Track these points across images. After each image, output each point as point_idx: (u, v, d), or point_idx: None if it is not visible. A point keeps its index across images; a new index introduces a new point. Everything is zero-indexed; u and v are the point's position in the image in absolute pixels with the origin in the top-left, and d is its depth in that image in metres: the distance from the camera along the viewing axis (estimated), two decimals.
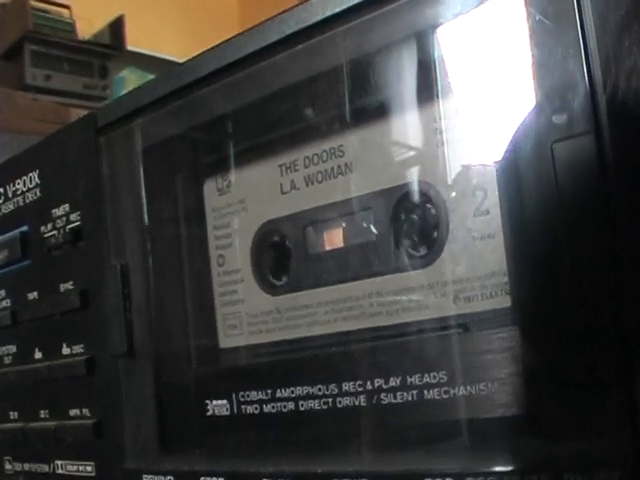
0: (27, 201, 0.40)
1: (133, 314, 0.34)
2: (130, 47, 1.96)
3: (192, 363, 0.34)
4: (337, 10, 0.27)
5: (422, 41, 0.26)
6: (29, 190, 0.39)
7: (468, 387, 0.25)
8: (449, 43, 0.25)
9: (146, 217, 0.34)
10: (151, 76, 2.10)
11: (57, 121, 1.79)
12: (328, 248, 0.31)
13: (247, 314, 0.33)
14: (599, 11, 0.21)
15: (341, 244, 0.31)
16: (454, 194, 0.27)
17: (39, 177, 0.39)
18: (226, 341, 0.34)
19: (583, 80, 0.21)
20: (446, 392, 0.25)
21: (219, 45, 0.30)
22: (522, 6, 0.23)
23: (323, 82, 0.29)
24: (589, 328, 0.22)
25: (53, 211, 0.38)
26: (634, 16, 0.21)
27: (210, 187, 0.35)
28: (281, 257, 0.32)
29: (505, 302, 0.25)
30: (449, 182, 0.27)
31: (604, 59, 0.21)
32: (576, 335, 0.22)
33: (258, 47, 0.29)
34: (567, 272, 0.22)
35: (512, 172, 0.24)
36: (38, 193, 0.39)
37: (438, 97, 0.27)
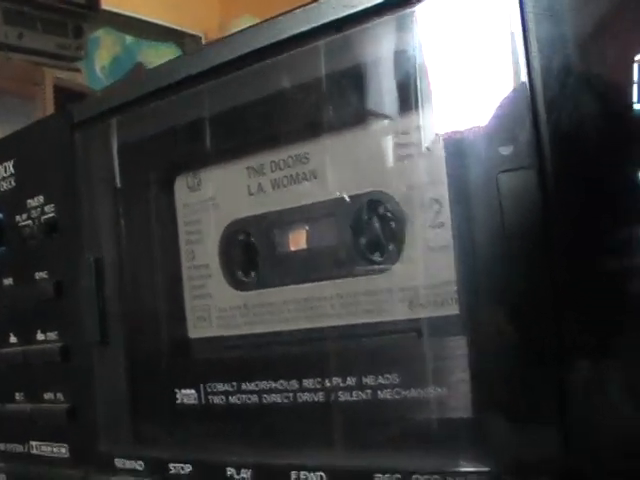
0: (1, 189, 0.40)
1: (106, 305, 0.35)
2: (105, 7, 1.93)
3: (163, 352, 0.36)
4: (304, 29, 0.28)
5: (388, 60, 0.28)
6: (4, 179, 0.40)
7: (419, 389, 0.27)
8: (411, 65, 0.27)
9: (119, 212, 0.35)
10: (127, 37, 2.08)
11: (30, 80, 1.78)
12: (293, 249, 0.32)
13: (215, 308, 0.35)
14: (545, 53, 0.22)
15: (305, 246, 0.32)
16: (411, 206, 0.28)
17: (14, 167, 0.40)
18: (195, 332, 0.36)
19: (529, 116, 0.23)
20: (398, 393, 0.27)
21: (193, 53, 0.31)
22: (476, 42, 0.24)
23: (290, 93, 0.30)
24: (527, 342, 0.24)
25: (28, 201, 0.39)
26: (577, 61, 0.22)
27: (181, 184, 0.36)
28: (248, 255, 0.34)
29: (454, 310, 0.27)
30: (407, 194, 0.28)
31: (548, 99, 0.22)
32: (514, 348, 0.24)
33: (229, 58, 0.30)
34: (508, 290, 0.24)
35: (462, 191, 0.26)
36: (13, 182, 0.40)
37: (399, 114, 0.28)
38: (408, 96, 0.27)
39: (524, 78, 0.23)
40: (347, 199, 0.30)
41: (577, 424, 0.22)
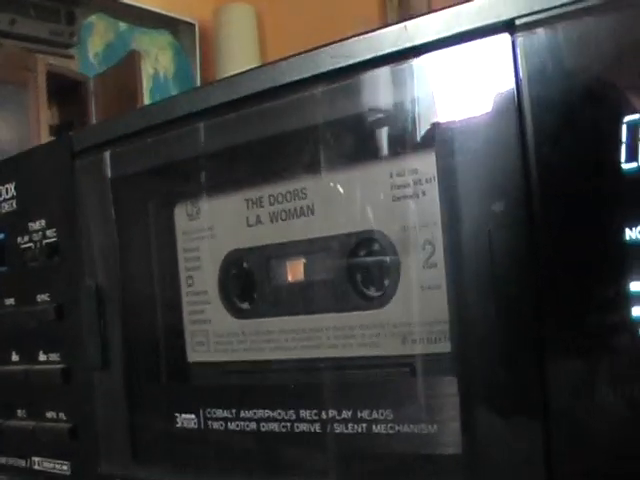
0: (3, 211, 0.41)
1: (107, 331, 0.36)
2: None
3: (163, 376, 0.37)
4: (303, 76, 0.29)
5: (386, 107, 0.28)
6: (5, 200, 0.41)
7: (411, 425, 0.28)
8: (408, 114, 0.28)
9: (119, 241, 0.36)
10: (120, 23, 2.07)
11: (23, 67, 1.77)
12: (290, 281, 0.34)
13: (214, 333, 0.36)
14: (537, 114, 0.23)
15: (302, 279, 0.33)
16: (405, 246, 0.29)
17: (15, 189, 0.41)
18: (194, 356, 0.37)
19: (521, 173, 0.24)
20: (392, 428, 0.29)
21: (191, 91, 0.32)
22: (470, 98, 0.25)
23: (289, 134, 0.31)
24: (512, 385, 0.25)
25: (30, 224, 0.40)
26: (568, 121, 0.23)
27: (181, 212, 0.37)
28: (246, 284, 0.35)
29: (446, 348, 0.28)
30: (401, 234, 0.30)
31: (540, 158, 0.23)
32: (501, 390, 0.25)
33: (228, 99, 0.31)
34: (495, 335, 0.25)
35: (455, 238, 0.27)
36: (14, 205, 0.41)
37: (395, 156, 0.29)
38: (404, 141, 0.28)
39: (516, 136, 0.24)
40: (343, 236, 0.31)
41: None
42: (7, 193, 0.41)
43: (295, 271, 0.33)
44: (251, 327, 0.35)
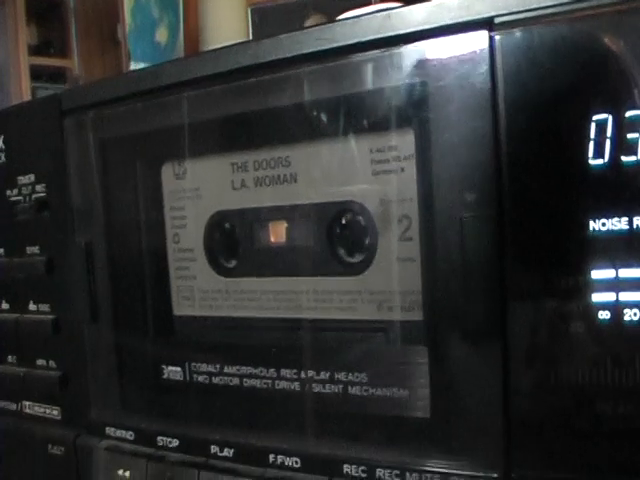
0: None
1: (96, 286, 0.38)
2: None
3: (150, 329, 0.39)
4: (284, 56, 0.30)
5: (372, 88, 0.30)
6: None
7: (384, 387, 0.31)
8: (391, 95, 0.29)
9: (107, 198, 0.38)
10: None
11: None
12: (272, 244, 0.36)
13: (199, 289, 0.38)
14: (511, 112, 0.25)
15: (284, 243, 0.35)
16: (383, 219, 0.32)
17: (4, 143, 0.42)
18: (179, 309, 0.39)
19: (493, 166, 0.26)
20: (366, 390, 0.31)
21: (179, 60, 0.33)
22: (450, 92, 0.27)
23: (274, 108, 0.33)
24: (477, 352, 0.28)
25: (19, 178, 0.41)
26: (539, 119, 0.25)
27: (168, 170, 0.39)
28: (230, 245, 0.37)
29: (418, 315, 0.31)
30: (380, 208, 0.32)
31: (511, 152, 0.25)
32: (467, 359, 0.28)
33: (215, 71, 0.32)
34: (462, 300, 0.28)
35: (429, 216, 0.29)
36: (3, 158, 0.42)
37: (376, 134, 0.31)
38: (385, 119, 0.30)
39: (490, 129, 0.26)
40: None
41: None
42: None
43: (277, 235, 0.36)
44: (234, 286, 0.37)
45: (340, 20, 0.29)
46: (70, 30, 1.96)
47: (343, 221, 0.33)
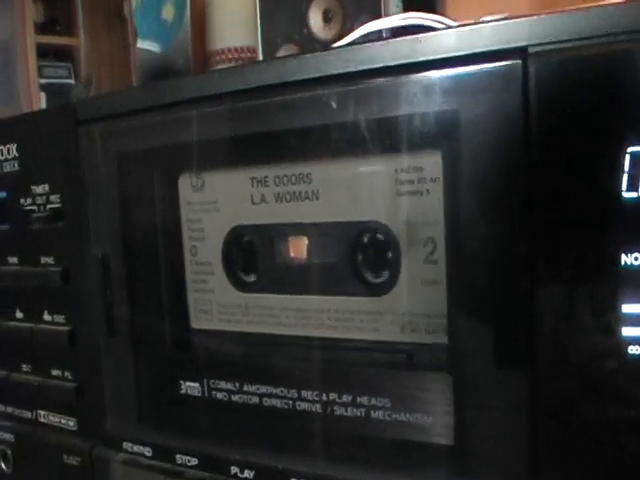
0: (5, 170, 0.42)
1: (113, 299, 0.38)
2: None
3: (167, 342, 0.39)
4: (309, 76, 0.30)
5: (391, 104, 0.30)
6: (7, 160, 0.42)
7: (407, 414, 0.31)
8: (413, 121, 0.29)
9: (124, 210, 0.38)
10: None
11: None
12: (293, 261, 0.35)
13: (217, 303, 0.38)
14: (546, 144, 0.25)
15: (304, 260, 0.35)
16: (408, 241, 0.31)
17: (17, 151, 0.42)
18: (197, 323, 0.39)
19: (524, 196, 0.26)
20: (389, 415, 0.31)
21: (200, 76, 0.33)
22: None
23: (298, 126, 0.32)
24: (503, 378, 0.28)
25: (33, 187, 0.41)
26: (574, 153, 0.25)
27: (185, 182, 0.38)
28: (250, 260, 0.37)
29: (443, 339, 0.31)
30: (404, 229, 0.31)
31: (546, 185, 0.25)
32: (493, 384, 0.28)
33: (239, 87, 0.32)
34: (489, 327, 0.28)
35: (456, 239, 0.29)
36: (17, 166, 0.42)
37: (402, 153, 0.31)
38: (411, 140, 0.30)
39: (523, 162, 0.25)
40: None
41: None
42: (9, 153, 0.42)
43: (298, 252, 0.35)
44: (254, 301, 0.37)
45: (368, 41, 0.28)
46: (76, 8, 1.95)
47: (366, 240, 0.33)
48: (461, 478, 0.29)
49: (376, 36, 0.48)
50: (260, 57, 1.07)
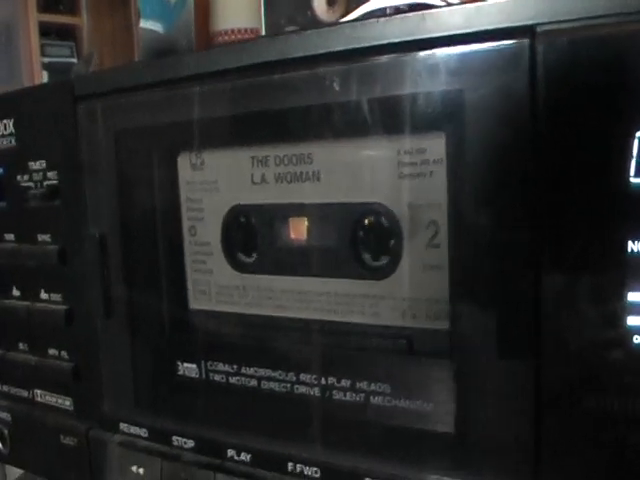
0: (1, 146, 0.42)
1: (110, 279, 0.38)
2: None
3: (165, 323, 0.38)
4: (312, 53, 0.29)
5: (394, 83, 0.29)
6: (3, 136, 0.42)
7: (407, 400, 0.30)
8: (416, 101, 0.28)
9: (122, 188, 0.37)
10: None
11: None
12: (292, 243, 0.35)
13: (215, 284, 0.38)
14: (552, 125, 0.24)
15: (304, 242, 0.35)
16: (409, 224, 0.31)
17: (14, 126, 0.41)
18: (195, 303, 0.39)
19: (530, 178, 0.25)
20: (389, 401, 0.31)
21: (201, 52, 0.32)
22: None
23: (299, 105, 0.32)
24: (508, 366, 0.27)
25: (29, 164, 0.40)
26: (580, 139, 0.24)
27: (184, 161, 0.38)
28: (249, 240, 0.36)
29: (444, 325, 0.30)
30: (406, 212, 0.31)
31: (550, 164, 0.25)
32: (497, 372, 0.28)
33: (240, 64, 0.31)
34: (492, 313, 0.27)
35: (460, 223, 0.28)
36: (13, 142, 0.41)
37: (404, 135, 0.30)
38: (414, 121, 0.29)
39: (528, 144, 0.25)
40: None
41: None
42: (5, 129, 0.41)
43: (298, 233, 0.35)
44: (252, 282, 0.36)
45: (372, 18, 0.27)
46: None
47: (367, 223, 0.33)
48: (461, 466, 0.29)
49: (380, 14, 0.47)
50: None
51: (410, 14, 0.27)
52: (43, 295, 0.41)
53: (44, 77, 2.05)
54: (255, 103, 0.32)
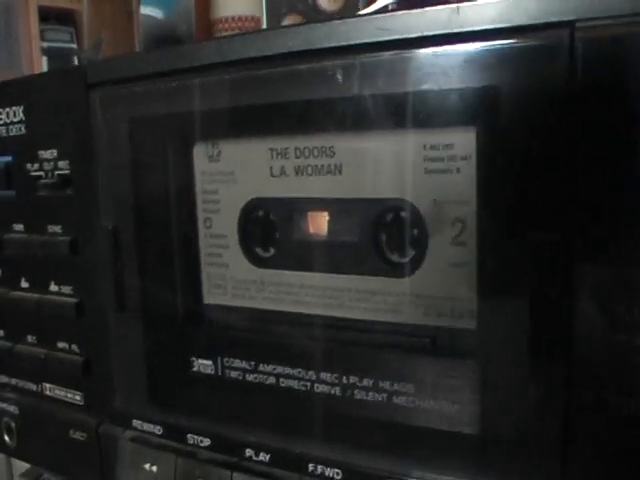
0: (11, 133, 0.41)
1: (123, 272, 0.37)
2: None
3: (179, 317, 0.38)
4: (338, 44, 0.29)
5: (424, 77, 0.29)
6: (13, 124, 0.41)
7: (431, 401, 0.30)
8: (446, 95, 0.28)
9: (136, 179, 0.37)
10: None
11: None
12: (313, 237, 0.35)
13: (231, 278, 0.37)
14: (591, 123, 0.24)
15: (325, 237, 0.34)
16: (434, 221, 0.30)
17: (24, 113, 0.40)
18: (210, 298, 0.38)
19: (567, 178, 0.25)
20: (412, 401, 0.31)
21: (225, 38, 0.32)
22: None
23: (323, 87, 0.31)
24: (538, 366, 0.27)
25: (40, 152, 0.40)
26: (618, 131, 0.24)
27: (200, 151, 0.37)
28: (267, 235, 0.36)
29: (471, 324, 0.30)
30: (431, 209, 0.30)
31: (588, 158, 0.24)
32: (526, 373, 0.27)
33: (262, 54, 0.31)
34: (522, 313, 0.27)
35: (488, 221, 0.28)
36: (23, 129, 0.41)
37: (431, 130, 0.30)
38: (442, 115, 0.29)
39: (566, 141, 0.24)
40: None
41: None
42: (15, 116, 0.41)
43: (319, 228, 0.34)
44: (271, 277, 0.36)
45: (403, 9, 0.27)
46: None
47: (390, 219, 0.32)
48: (486, 468, 0.29)
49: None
50: (264, 27, 1.06)
51: (442, 7, 0.26)
52: (53, 287, 0.41)
53: (43, 62, 2.04)
54: (276, 94, 0.32)
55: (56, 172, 0.39)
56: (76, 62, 2.16)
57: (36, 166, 0.40)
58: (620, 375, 0.25)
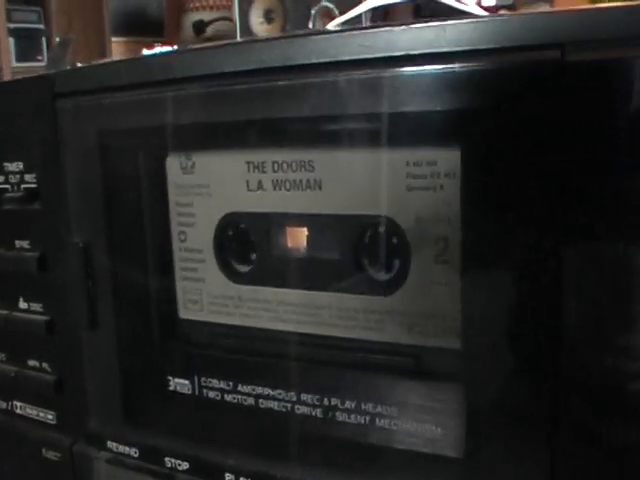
0: None
1: (96, 291, 0.37)
2: None
3: (154, 335, 0.38)
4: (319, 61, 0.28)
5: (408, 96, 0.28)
6: None
7: (414, 423, 0.30)
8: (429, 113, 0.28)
9: (107, 193, 0.36)
10: None
11: None
12: (292, 254, 0.34)
13: (208, 293, 0.37)
14: (578, 146, 0.24)
15: (305, 253, 0.34)
16: (417, 239, 0.30)
17: None
18: (186, 313, 0.38)
19: (554, 198, 0.25)
20: (395, 424, 0.31)
21: (201, 49, 0.32)
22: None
23: (302, 104, 0.31)
24: (525, 388, 0.27)
25: (5, 164, 0.39)
26: (609, 150, 0.24)
27: (173, 163, 0.37)
28: (245, 250, 0.36)
29: (455, 344, 0.30)
30: (414, 226, 0.30)
31: (570, 181, 0.24)
32: (513, 394, 0.27)
33: (238, 68, 0.30)
34: (508, 333, 0.27)
35: (473, 239, 0.28)
36: None
37: (414, 145, 0.30)
38: (425, 132, 0.29)
39: (554, 159, 0.24)
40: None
41: None
42: None
43: (298, 245, 0.34)
44: (249, 294, 0.36)
45: (388, 26, 0.27)
46: None
47: (371, 236, 0.32)
48: None
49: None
50: (236, 6, 1.05)
51: (429, 24, 0.26)
52: (22, 304, 0.40)
53: (10, 43, 2.02)
54: (252, 109, 0.31)
55: (22, 185, 0.39)
56: (44, 44, 2.13)
57: (1, 179, 0.40)
58: (609, 399, 0.26)
